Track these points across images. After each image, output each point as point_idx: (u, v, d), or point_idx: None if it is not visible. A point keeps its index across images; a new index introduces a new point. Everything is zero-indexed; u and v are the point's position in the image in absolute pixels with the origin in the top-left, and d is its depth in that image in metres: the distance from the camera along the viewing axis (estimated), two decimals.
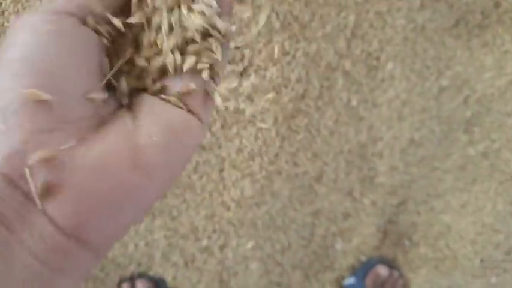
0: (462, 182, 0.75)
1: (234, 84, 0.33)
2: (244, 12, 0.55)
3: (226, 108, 0.64)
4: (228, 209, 0.70)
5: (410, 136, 0.69)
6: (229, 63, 0.62)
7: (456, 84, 0.67)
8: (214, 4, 0.20)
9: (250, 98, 0.63)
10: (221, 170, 0.66)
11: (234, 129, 0.64)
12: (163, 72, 0.20)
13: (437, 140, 0.70)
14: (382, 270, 0.78)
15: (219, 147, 0.66)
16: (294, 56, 0.64)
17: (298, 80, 0.62)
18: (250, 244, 0.73)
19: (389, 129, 0.68)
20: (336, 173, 0.70)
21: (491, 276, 0.83)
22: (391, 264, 0.81)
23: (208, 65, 0.20)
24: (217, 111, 0.63)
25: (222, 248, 0.73)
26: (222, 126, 0.65)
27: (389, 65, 0.67)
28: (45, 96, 0.17)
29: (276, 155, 0.66)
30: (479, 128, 0.71)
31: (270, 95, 0.62)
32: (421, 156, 0.72)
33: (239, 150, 0.65)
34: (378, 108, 0.65)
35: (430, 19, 0.67)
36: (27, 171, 0.16)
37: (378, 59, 0.67)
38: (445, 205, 0.77)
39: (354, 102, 0.64)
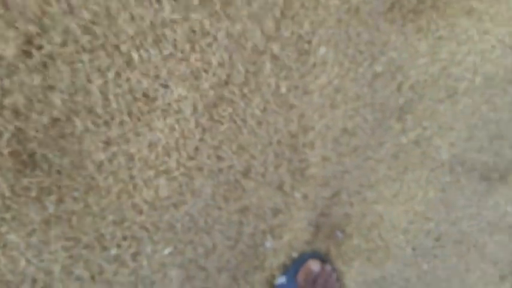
0: (394, 171, 0.72)
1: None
2: None
3: (135, 97, 0.53)
4: (140, 212, 0.60)
5: (343, 125, 0.63)
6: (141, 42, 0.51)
7: (390, 70, 0.62)
8: None
9: (164, 84, 0.53)
10: (130, 168, 0.56)
11: (145, 121, 0.54)
12: None
13: (370, 128, 0.66)
14: (314, 266, 0.74)
15: (127, 141, 0.55)
16: (215, 37, 0.55)
17: (221, 64, 0.53)
18: (167, 250, 0.64)
19: (322, 117, 0.62)
20: (265, 166, 0.63)
21: (422, 264, 0.82)
22: (324, 259, 0.76)
23: None
24: (124, 98, 0.52)
25: (134, 256, 0.63)
26: (130, 116, 0.54)
27: (322, 50, 0.60)
28: None
29: (196, 149, 0.57)
30: (412, 115, 0.67)
31: (188, 82, 0.52)
32: (354, 146, 0.67)
33: (152, 145, 0.55)
34: (309, 95, 0.59)
35: (364, 1, 0.61)
36: None
37: (309, 42, 0.60)
38: (378, 195, 0.74)
39: (283, 89, 0.57)
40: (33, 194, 0.55)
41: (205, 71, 0.52)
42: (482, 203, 0.80)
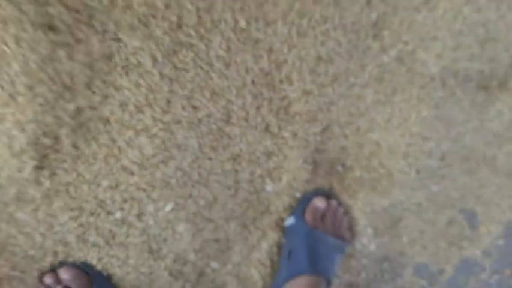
0: (382, 95, 0.70)
1: None
2: None
3: (93, 58, 0.54)
4: (132, 173, 0.61)
5: (317, 53, 0.62)
6: None
7: None
8: None
9: (115, 38, 0.53)
10: (108, 132, 0.57)
11: (109, 81, 0.55)
12: None
13: (346, 52, 0.64)
14: (320, 203, 0.74)
15: (98, 106, 0.56)
16: None
17: (167, 6, 0.52)
18: (169, 206, 0.66)
19: (291, 48, 0.60)
20: (245, 109, 0.63)
21: (430, 186, 0.81)
22: (328, 194, 0.77)
23: None
24: (82, 63, 0.53)
25: (139, 216, 0.66)
26: (88, 85, 0.55)
27: None
28: None
29: (168, 102, 0.57)
30: (389, 30, 0.65)
31: (139, 31, 0.52)
32: (333, 74, 0.65)
33: (123, 105, 0.56)
34: (271, 25, 0.57)
35: None
36: None
37: None
38: (370, 122, 0.72)
39: (242, 23, 0.56)
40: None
41: (153, 16, 0.52)
42: (483, 115, 0.77)
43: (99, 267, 0.68)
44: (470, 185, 0.82)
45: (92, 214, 0.64)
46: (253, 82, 0.61)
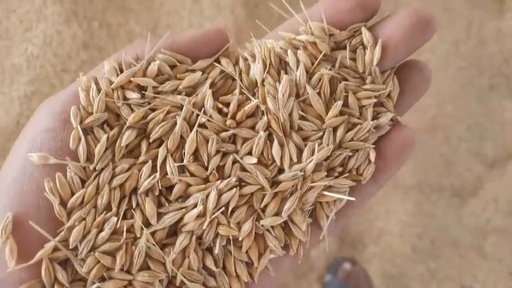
0: (382, 192, 1.21)
1: None
2: None
3: None
4: None
5: None
6: None
7: None
8: None
9: None
10: None
11: None
12: None
13: None
14: (347, 266, 1.20)
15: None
16: None
17: None
18: None
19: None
20: None
21: (428, 262, 1.18)
22: (352, 261, 1.22)
23: None
24: None
25: None
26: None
27: None
28: None
29: None
30: None
31: None
32: None
33: None
34: None
35: None
36: None
37: None
38: (375, 213, 1.21)
39: None
40: None
41: None
42: (459, 214, 1.17)
43: None
44: (464, 265, 1.15)
45: None
46: None
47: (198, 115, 0.27)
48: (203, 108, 0.27)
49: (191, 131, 0.27)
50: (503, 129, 1.23)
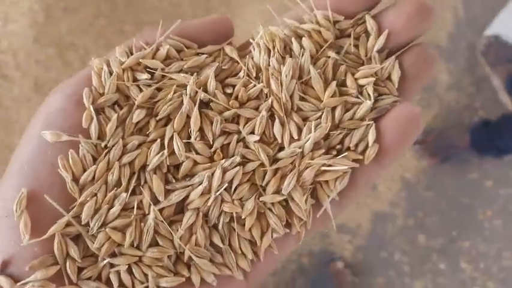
0: None
1: None
2: None
3: None
4: None
5: None
6: None
7: None
8: None
9: None
10: None
11: None
12: None
13: None
14: (340, 265, 1.21)
15: None
16: None
17: None
18: None
19: None
20: None
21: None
22: (346, 264, 1.23)
23: None
24: None
25: None
26: None
27: None
28: None
29: None
30: None
31: None
32: None
33: None
34: None
35: None
36: None
37: None
38: None
39: None
40: None
41: None
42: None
43: None
44: None
45: None
46: None
47: (202, 93, 0.28)
48: (207, 87, 0.28)
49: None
50: None
